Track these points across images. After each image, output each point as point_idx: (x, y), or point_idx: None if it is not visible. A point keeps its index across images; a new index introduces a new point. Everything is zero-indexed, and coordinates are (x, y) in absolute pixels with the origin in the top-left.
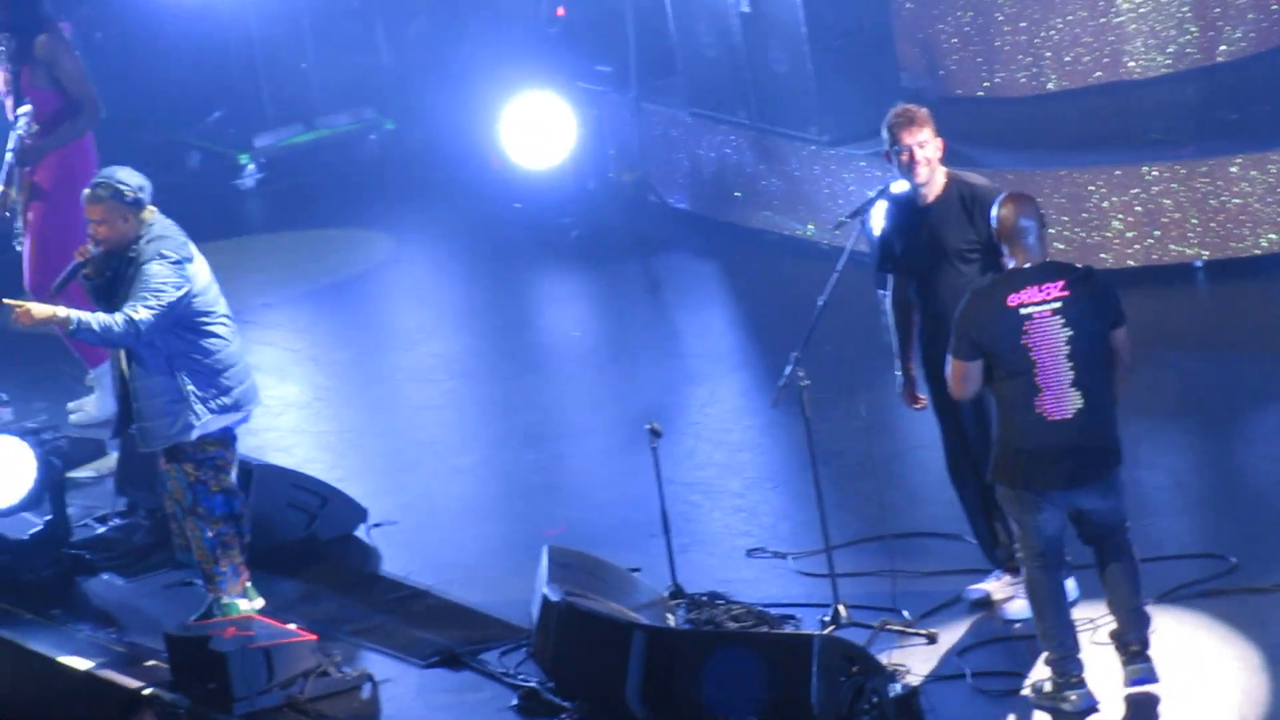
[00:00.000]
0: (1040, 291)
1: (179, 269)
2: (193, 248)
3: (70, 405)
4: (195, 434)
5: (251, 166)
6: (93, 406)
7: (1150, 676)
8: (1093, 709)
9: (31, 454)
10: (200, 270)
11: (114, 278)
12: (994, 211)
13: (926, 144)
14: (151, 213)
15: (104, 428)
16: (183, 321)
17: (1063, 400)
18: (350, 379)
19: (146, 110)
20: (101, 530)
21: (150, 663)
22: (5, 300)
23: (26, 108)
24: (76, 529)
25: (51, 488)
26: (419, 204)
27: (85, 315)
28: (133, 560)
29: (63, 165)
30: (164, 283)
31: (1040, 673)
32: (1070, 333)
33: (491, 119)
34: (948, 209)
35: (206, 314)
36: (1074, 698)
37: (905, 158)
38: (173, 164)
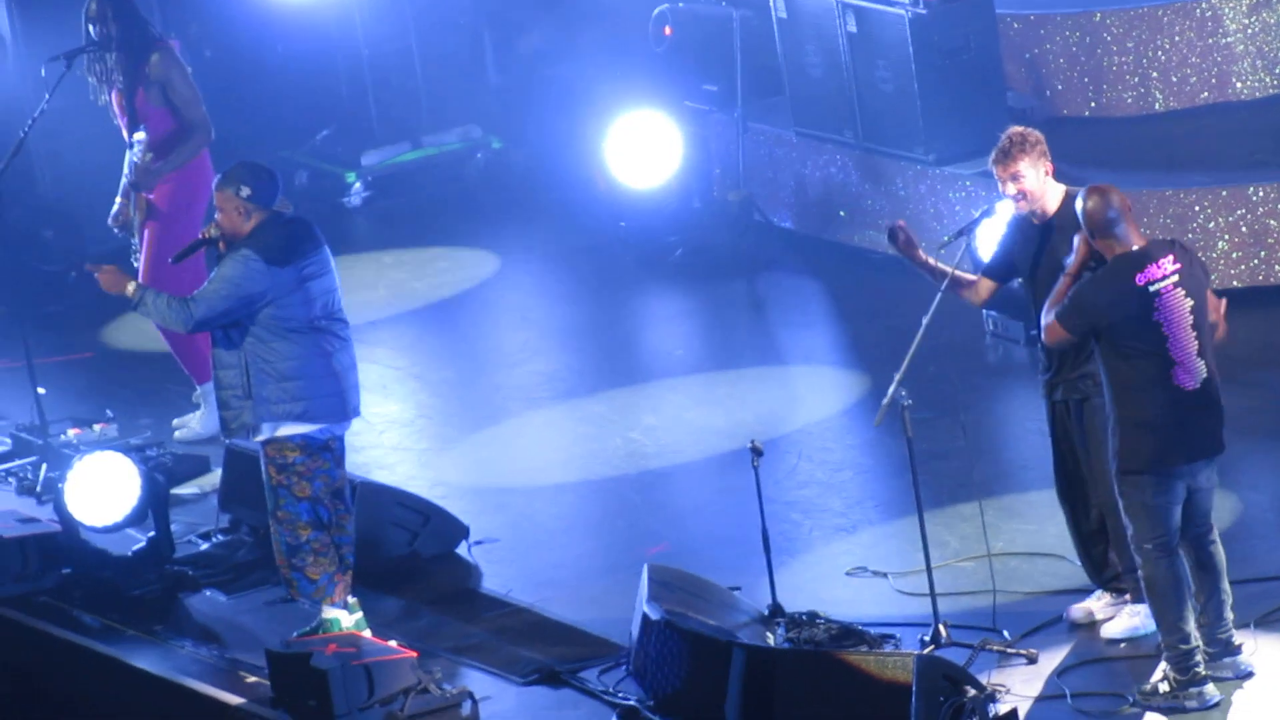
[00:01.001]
0: (1159, 268)
1: (255, 270)
2: (318, 257)
3: (175, 422)
4: (261, 436)
5: (358, 185)
6: (197, 423)
7: (1252, 668)
8: (1214, 705)
9: (136, 470)
10: (294, 278)
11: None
12: (1091, 202)
13: (1023, 176)
14: (272, 213)
15: (208, 444)
16: (260, 322)
17: (1193, 370)
18: (453, 397)
19: (254, 128)
20: (204, 546)
21: (251, 679)
22: (87, 265)
23: (141, 135)
24: (180, 545)
25: (155, 504)
26: (524, 223)
27: (151, 291)
28: (235, 577)
29: (180, 184)
30: (230, 279)
31: (1155, 677)
32: (1191, 302)
33: (597, 138)
34: (1065, 228)
35: (286, 320)
36: (1198, 693)
37: (1002, 190)
38: (280, 182)
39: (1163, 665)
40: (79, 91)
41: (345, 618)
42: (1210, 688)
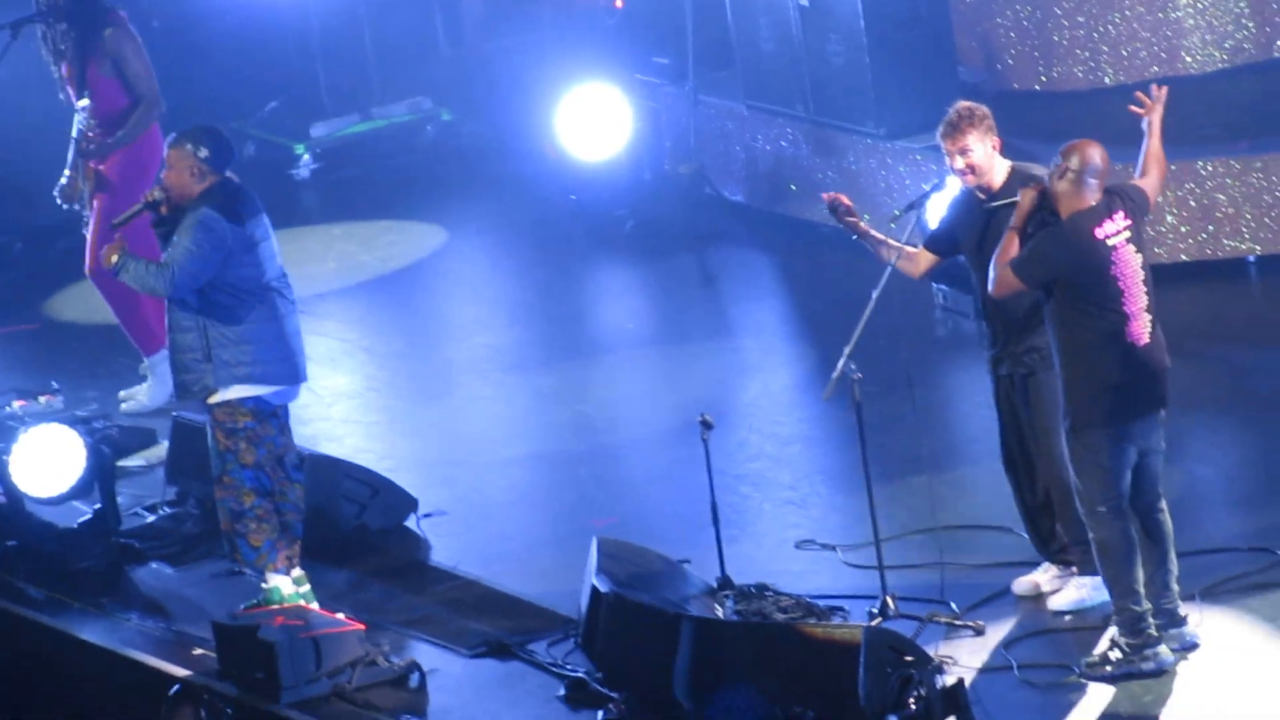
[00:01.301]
0: (1112, 222)
1: (220, 226)
2: (262, 221)
3: (122, 394)
4: (217, 398)
5: (307, 157)
6: (144, 395)
7: (1197, 639)
8: (1166, 669)
9: (81, 442)
10: (247, 239)
11: (173, 227)
12: (1079, 154)
13: (971, 150)
14: (221, 179)
15: (155, 416)
16: (216, 284)
17: (1143, 325)
18: (403, 370)
19: (202, 99)
20: (151, 519)
21: (198, 651)
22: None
23: (85, 101)
24: (126, 518)
25: (101, 476)
26: (474, 195)
27: (132, 257)
28: (182, 549)
29: (129, 156)
30: (197, 238)
31: (1101, 646)
32: (1141, 257)
33: (548, 110)
34: (1011, 204)
35: (242, 282)
36: (1154, 654)
37: (949, 164)
38: (235, 151)
39: (1110, 633)
40: (26, 61)
41: (287, 585)
42: (1164, 649)
